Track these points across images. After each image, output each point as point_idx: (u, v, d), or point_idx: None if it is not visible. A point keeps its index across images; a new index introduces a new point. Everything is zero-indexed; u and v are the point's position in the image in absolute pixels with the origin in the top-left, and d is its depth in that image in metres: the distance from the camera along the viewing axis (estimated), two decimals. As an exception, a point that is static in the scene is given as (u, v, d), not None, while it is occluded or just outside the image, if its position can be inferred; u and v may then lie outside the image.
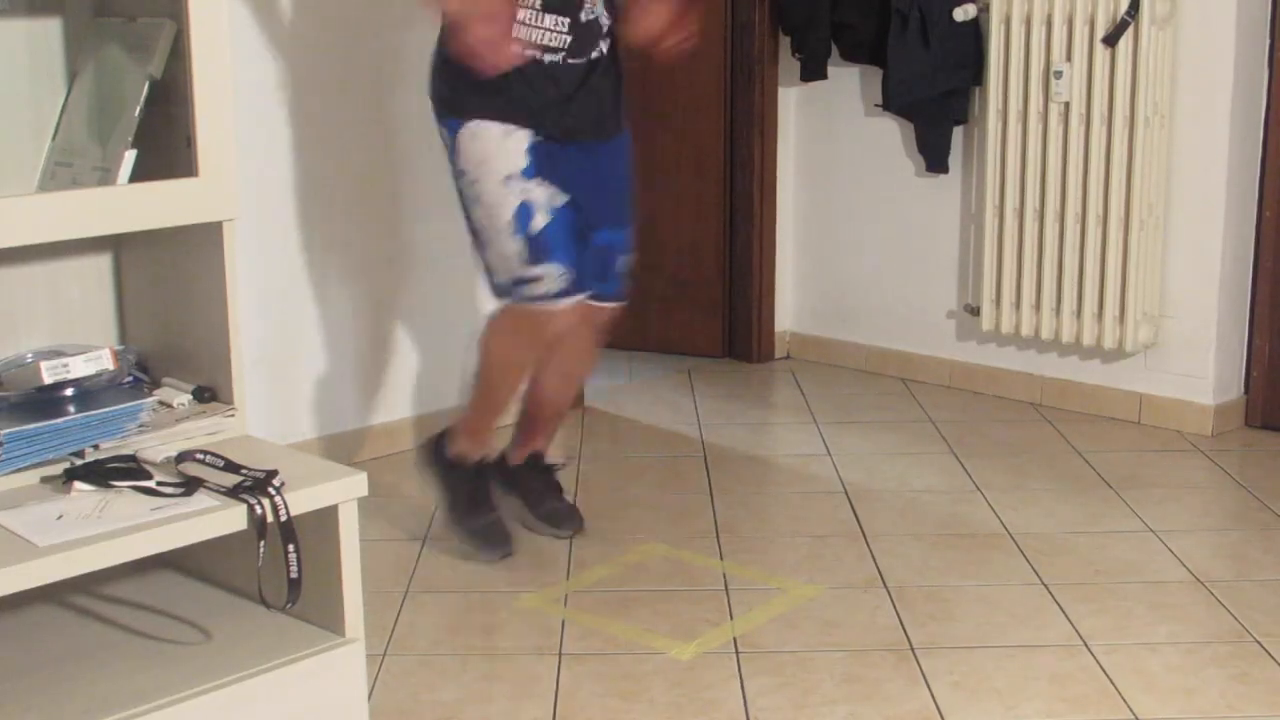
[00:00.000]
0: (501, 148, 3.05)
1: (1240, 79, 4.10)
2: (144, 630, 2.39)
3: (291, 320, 3.88)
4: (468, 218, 3.15)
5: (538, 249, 3.07)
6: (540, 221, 3.07)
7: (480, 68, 2.95)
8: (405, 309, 4.13)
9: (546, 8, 3.05)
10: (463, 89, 3.05)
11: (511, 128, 3.05)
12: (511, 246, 3.07)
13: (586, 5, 3.10)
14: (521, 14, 3.03)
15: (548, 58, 3.07)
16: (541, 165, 3.08)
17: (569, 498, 3.63)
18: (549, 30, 3.06)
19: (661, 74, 4.93)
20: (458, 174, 3.12)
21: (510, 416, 3.55)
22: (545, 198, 3.08)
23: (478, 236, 3.14)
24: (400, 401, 4.15)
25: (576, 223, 3.15)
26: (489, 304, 3.29)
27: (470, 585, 3.23)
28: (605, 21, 3.16)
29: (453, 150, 3.11)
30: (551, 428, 3.55)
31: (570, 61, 3.10)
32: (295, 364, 3.90)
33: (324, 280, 3.94)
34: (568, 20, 3.07)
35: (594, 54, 3.14)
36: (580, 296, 3.17)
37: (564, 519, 3.50)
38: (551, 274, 3.08)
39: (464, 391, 3.43)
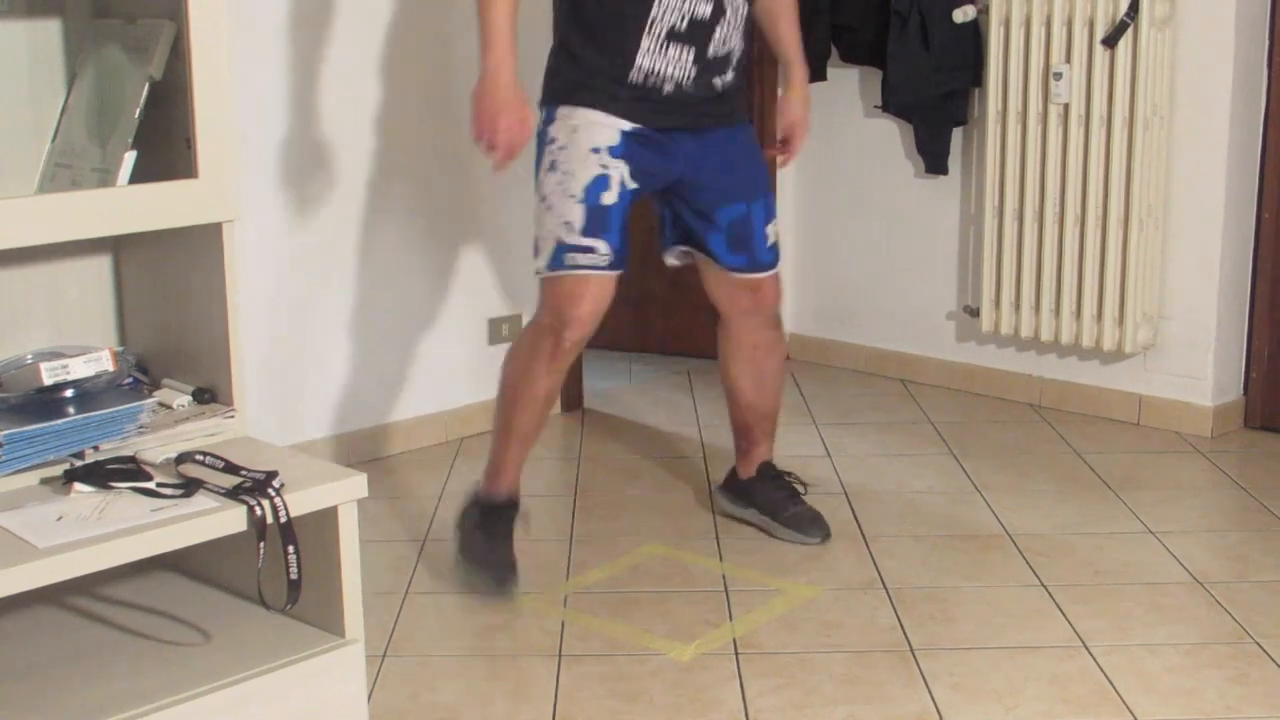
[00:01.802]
0: (598, 125, 3.01)
1: (1239, 80, 4.10)
2: (144, 631, 2.39)
3: (292, 321, 3.88)
4: (539, 186, 3.07)
5: (598, 221, 3.02)
6: (610, 198, 3.01)
7: (482, 146, 2.92)
8: (408, 310, 4.13)
9: (672, 38, 2.98)
10: (574, 83, 3.03)
11: (610, 116, 3.01)
12: (574, 213, 3.01)
13: (717, 38, 3.03)
14: (645, 42, 2.97)
15: (667, 88, 3.02)
16: (631, 149, 3.02)
17: (818, 514, 3.49)
18: (672, 62, 3.00)
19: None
20: (546, 141, 3.05)
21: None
22: (621, 177, 3.03)
23: (543, 202, 3.06)
24: (401, 403, 4.16)
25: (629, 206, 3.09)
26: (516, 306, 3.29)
27: (470, 586, 3.22)
28: (737, 54, 3.10)
29: (547, 123, 3.06)
30: (768, 430, 3.49)
31: (689, 91, 3.05)
32: (297, 365, 3.90)
33: (326, 280, 3.94)
34: (693, 50, 3.01)
35: (718, 83, 3.09)
36: (617, 273, 3.09)
37: (809, 523, 3.43)
38: (601, 249, 3.03)
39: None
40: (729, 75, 3.11)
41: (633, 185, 3.05)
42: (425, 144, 4.10)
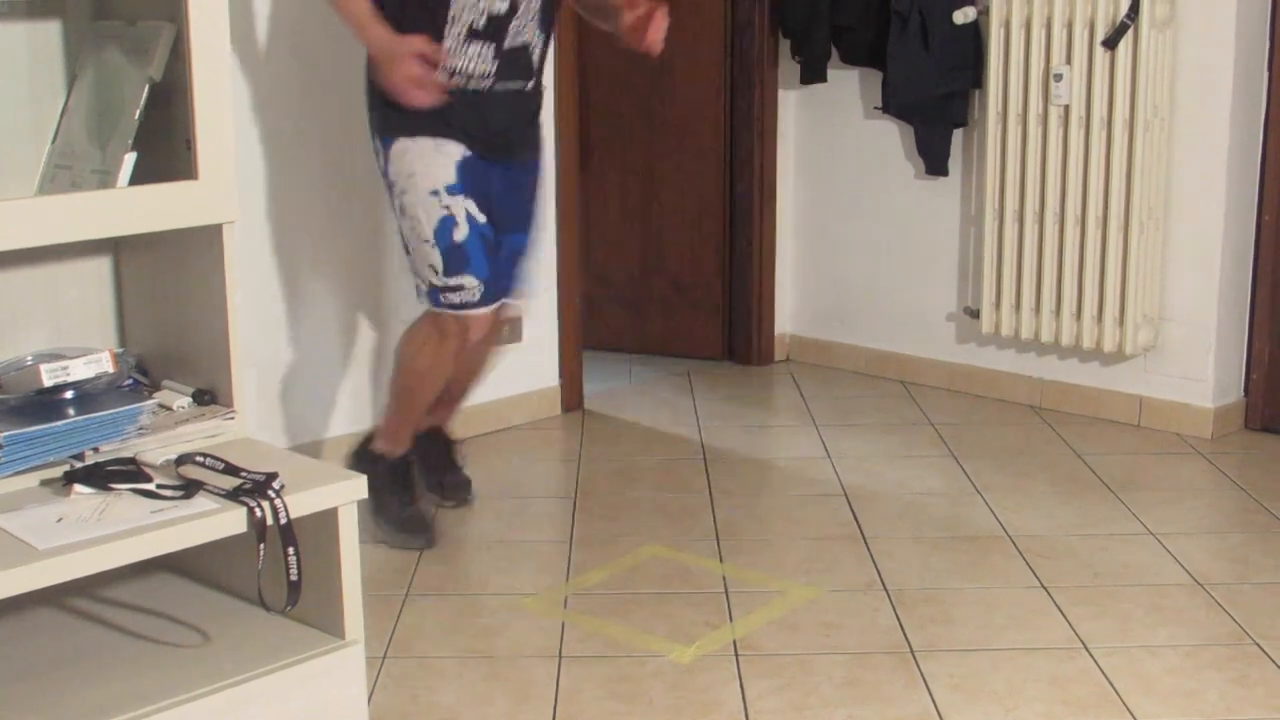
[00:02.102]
0: (431, 162, 3.16)
1: (1240, 82, 4.10)
2: (144, 633, 2.39)
3: (292, 322, 3.88)
4: (397, 226, 3.29)
5: (457, 260, 3.20)
6: (460, 234, 3.18)
7: (404, 102, 3.07)
8: (409, 310, 4.12)
9: (472, 36, 3.12)
10: (395, 107, 3.13)
11: (443, 141, 3.16)
12: (433, 257, 3.20)
13: (512, 31, 3.16)
14: (446, 42, 3.11)
15: (473, 85, 3.16)
16: (468, 181, 3.19)
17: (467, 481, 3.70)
18: (473, 59, 3.14)
19: (661, 76, 4.95)
20: (388, 185, 3.24)
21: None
22: (467, 213, 3.19)
23: (403, 244, 3.28)
24: (400, 404, 4.15)
25: (491, 237, 3.26)
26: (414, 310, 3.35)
27: (470, 588, 3.23)
28: (537, 48, 3.23)
29: (385, 163, 3.22)
30: (456, 405, 3.68)
31: (497, 89, 3.18)
32: (298, 365, 3.90)
33: (326, 281, 3.94)
34: (493, 46, 3.14)
35: (524, 84, 3.24)
36: (495, 305, 3.29)
37: (455, 489, 3.68)
38: (469, 284, 3.22)
39: (387, 393, 3.56)
40: (532, 76, 3.26)
41: (483, 218, 3.22)
42: (425, 145, 4.09)
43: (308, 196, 3.87)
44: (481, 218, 3.22)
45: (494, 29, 3.14)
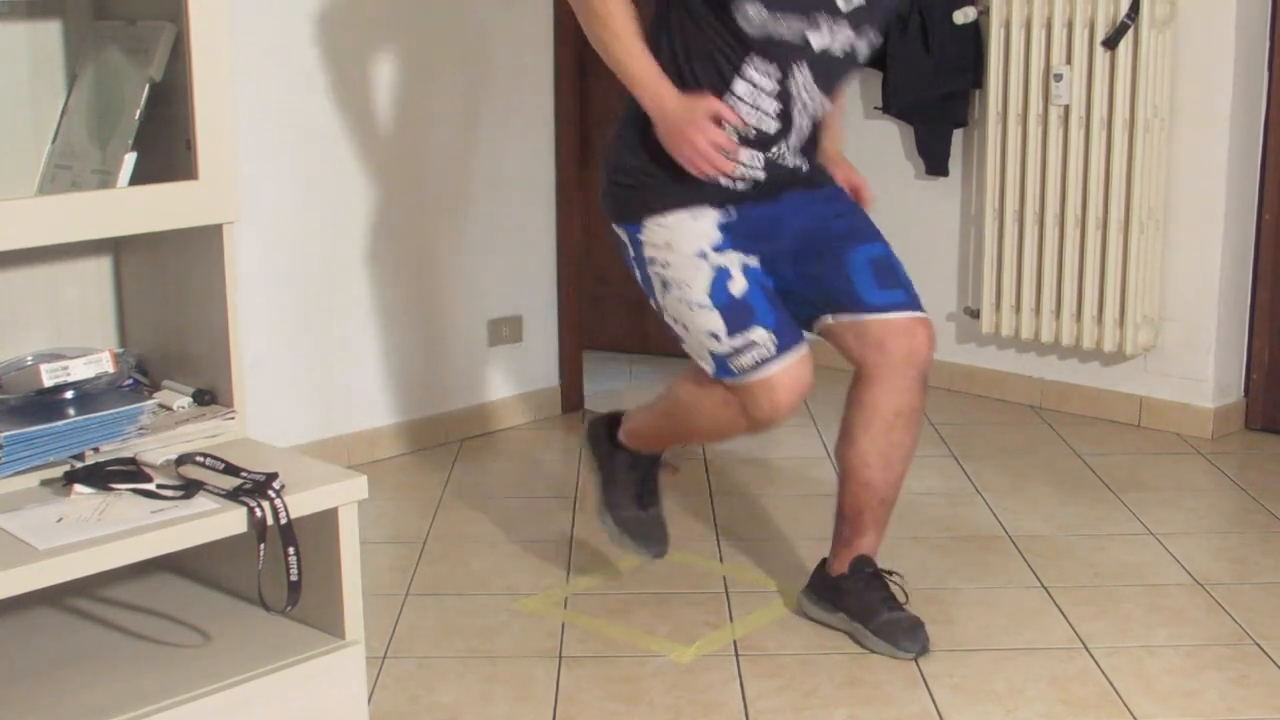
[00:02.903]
0: (690, 228, 2.75)
1: (1240, 82, 4.10)
2: (144, 633, 2.39)
3: (293, 323, 3.88)
4: (664, 311, 2.83)
5: (739, 315, 2.72)
6: (738, 288, 2.73)
7: (697, 172, 2.67)
8: (408, 311, 4.13)
9: (742, 141, 2.73)
10: (643, 187, 2.77)
11: (698, 209, 2.75)
12: (711, 320, 2.73)
13: (783, 147, 2.77)
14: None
15: (740, 186, 2.77)
16: (735, 237, 2.76)
17: (920, 623, 2.92)
18: (745, 161, 2.75)
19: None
20: (645, 263, 2.80)
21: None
22: (740, 264, 2.75)
23: (678, 323, 2.80)
24: (402, 404, 4.15)
25: (773, 286, 2.81)
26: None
27: (470, 588, 3.23)
28: (805, 168, 2.84)
29: (636, 248, 2.81)
30: (880, 518, 2.94)
31: (767, 179, 2.79)
32: (298, 366, 3.90)
33: (326, 282, 3.94)
34: (762, 156, 2.75)
35: (792, 164, 2.81)
36: (798, 354, 2.79)
37: (905, 633, 2.86)
38: (759, 338, 2.72)
39: (656, 398, 3.11)
40: (803, 164, 2.84)
41: (756, 264, 2.77)
42: (426, 144, 4.10)
43: (308, 196, 3.87)
44: (757, 264, 2.77)
45: (761, 143, 2.74)
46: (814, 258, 2.84)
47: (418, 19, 4.03)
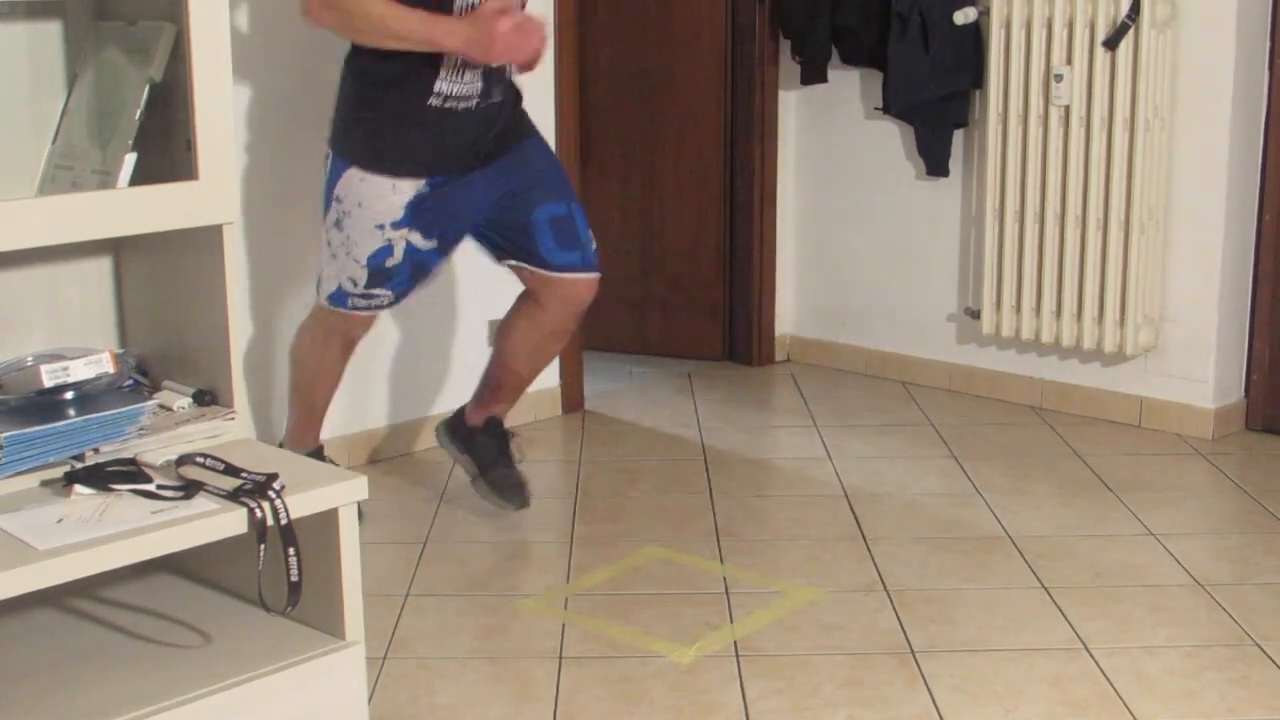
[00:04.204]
0: (382, 200, 3.15)
1: (1240, 82, 4.10)
2: (144, 634, 2.39)
3: (293, 323, 3.88)
4: (325, 233, 3.24)
5: (379, 278, 3.22)
6: (393, 261, 3.20)
7: (521, 61, 3.07)
8: (409, 311, 4.13)
9: (466, 62, 3.08)
10: (363, 133, 3.15)
11: (400, 181, 3.15)
12: (357, 272, 3.21)
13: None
14: (443, 71, 3.09)
15: (461, 105, 3.14)
16: (416, 216, 3.17)
17: (522, 483, 3.59)
18: (465, 83, 3.12)
19: (661, 76, 4.95)
20: (332, 196, 3.20)
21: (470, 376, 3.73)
22: (408, 244, 3.20)
23: (328, 248, 3.24)
24: (402, 404, 4.15)
25: (429, 265, 3.29)
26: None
27: (470, 588, 3.23)
28: (501, 99, 3.22)
29: (333, 179, 3.19)
30: (514, 397, 3.60)
31: (479, 106, 3.16)
32: (295, 367, 3.90)
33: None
34: (480, 69, 3.12)
35: (502, 97, 3.21)
36: (382, 311, 3.33)
37: (511, 489, 3.54)
38: (382, 294, 3.25)
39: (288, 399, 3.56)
40: (506, 86, 3.23)
41: (427, 244, 3.23)
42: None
43: (309, 196, 3.87)
44: (427, 245, 3.23)
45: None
46: (504, 217, 3.29)
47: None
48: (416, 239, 3.21)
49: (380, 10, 2.99)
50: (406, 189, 3.16)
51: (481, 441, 3.58)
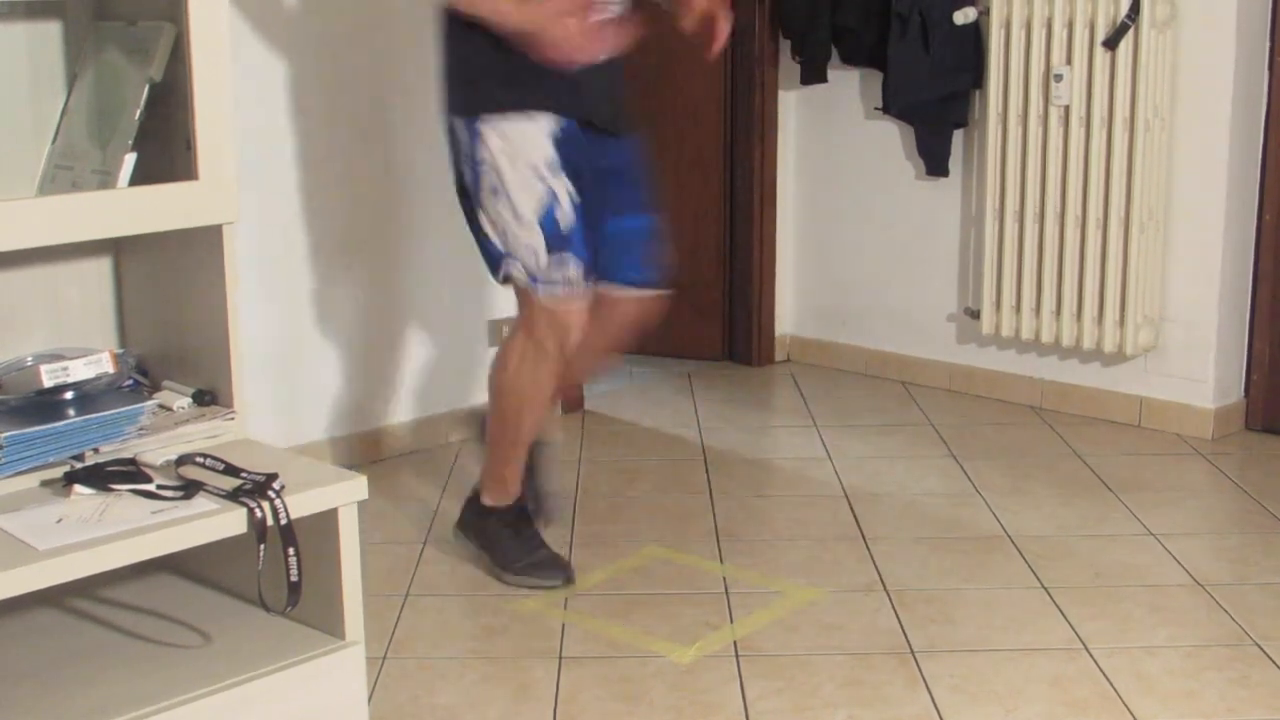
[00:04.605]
0: (528, 138, 2.95)
1: (1240, 82, 4.10)
2: (144, 634, 2.39)
3: (295, 322, 3.88)
4: (479, 210, 3.02)
5: (560, 241, 2.97)
6: (564, 216, 2.97)
7: (576, 62, 2.90)
8: (409, 311, 4.13)
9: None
10: (485, 83, 2.95)
11: (535, 114, 2.95)
12: (532, 237, 2.97)
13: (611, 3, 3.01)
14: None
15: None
16: (565, 157, 2.97)
17: (564, 493, 3.51)
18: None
19: (661, 76, 4.95)
20: (475, 163, 2.98)
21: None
22: (567, 191, 2.98)
23: (493, 227, 3.01)
24: (402, 405, 4.15)
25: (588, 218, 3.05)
26: (499, 312, 3.24)
27: (470, 589, 3.22)
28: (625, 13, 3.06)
29: (473, 145, 2.98)
30: (553, 404, 3.39)
31: (603, 59, 2.99)
32: (298, 367, 3.90)
33: (326, 282, 3.94)
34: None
35: (620, 57, 3.06)
36: (586, 291, 3.04)
37: (544, 501, 3.35)
38: (572, 272, 2.99)
39: (483, 438, 3.30)
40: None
41: (578, 198, 3.00)
42: (426, 143, 4.09)
43: (309, 196, 3.87)
44: (578, 197, 2.99)
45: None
46: (595, 213, 3.05)
47: (418, 19, 4.02)
48: (574, 191, 2.98)
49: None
50: (544, 122, 2.95)
51: (495, 524, 3.30)
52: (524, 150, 2.95)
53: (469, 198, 3.05)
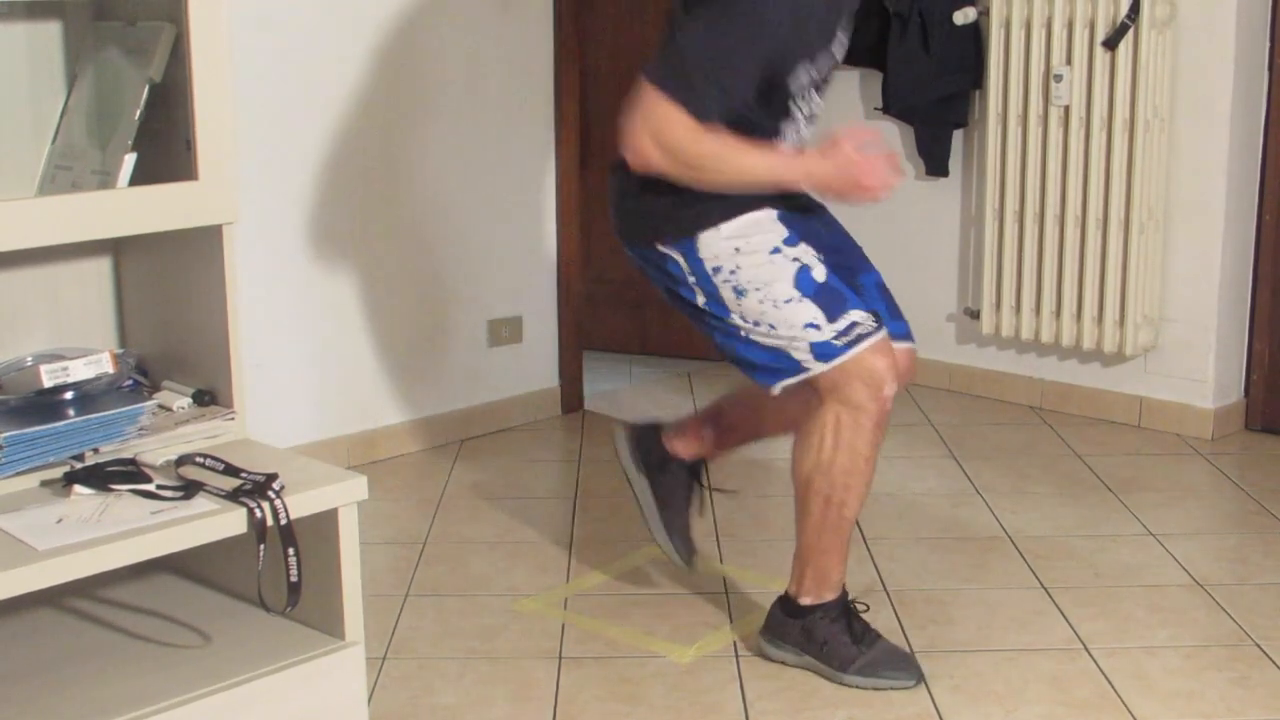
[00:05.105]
0: (755, 228, 2.69)
1: (1240, 82, 4.10)
2: (144, 634, 2.39)
3: (293, 323, 3.88)
4: (730, 324, 2.73)
5: (832, 299, 2.67)
6: (821, 274, 2.69)
7: (879, 198, 2.67)
8: (408, 312, 4.13)
9: (809, 119, 2.80)
10: (687, 202, 2.67)
11: (754, 212, 2.70)
12: (803, 311, 2.65)
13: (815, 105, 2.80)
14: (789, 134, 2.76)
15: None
16: (798, 230, 2.73)
17: (693, 541, 3.13)
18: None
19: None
20: (709, 276, 2.70)
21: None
22: (814, 255, 2.71)
23: (761, 325, 2.69)
24: (402, 405, 4.15)
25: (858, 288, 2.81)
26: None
27: (470, 589, 3.22)
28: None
29: (694, 264, 2.71)
30: (737, 448, 3.18)
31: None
32: (298, 367, 3.90)
33: (326, 283, 3.94)
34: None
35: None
36: (884, 333, 2.71)
37: (685, 539, 3.08)
38: (860, 318, 2.66)
39: (797, 535, 2.82)
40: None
41: (822, 256, 2.74)
42: (426, 144, 4.10)
43: (309, 196, 3.87)
44: (825, 258, 2.73)
45: (814, 117, 2.82)
46: (842, 275, 2.78)
47: (417, 21, 4.03)
48: (816, 253, 2.72)
49: (715, 150, 2.56)
50: (767, 208, 2.70)
51: (675, 472, 3.09)
52: (754, 238, 2.69)
53: (710, 321, 2.77)
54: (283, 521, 2.20)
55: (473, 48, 4.17)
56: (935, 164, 4.64)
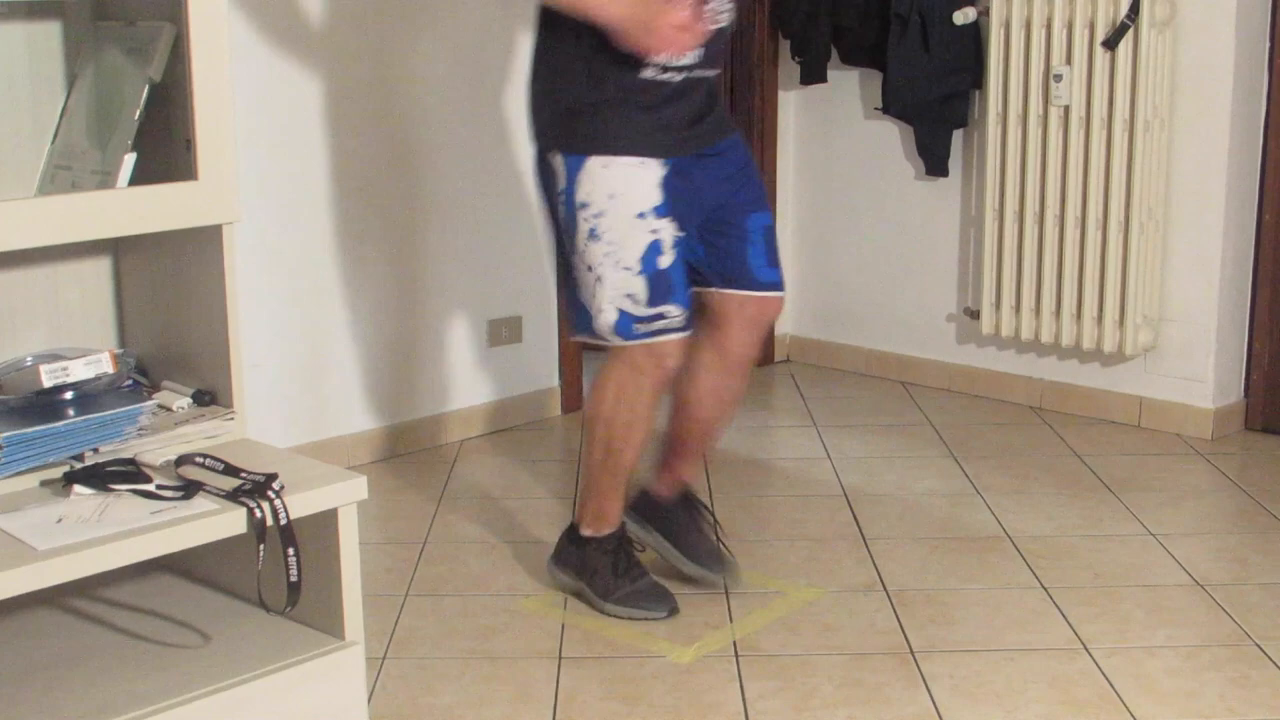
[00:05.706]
0: (635, 181, 2.82)
1: (1240, 82, 4.10)
2: (143, 634, 2.39)
3: (292, 323, 3.88)
4: (572, 251, 2.88)
5: (661, 289, 2.85)
6: (666, 261, 2.85)
7: (671, 51, 2.76)
8: (408, 312, 4.13)
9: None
10: (591, 118, 2.82)
11: (645, 159, 2.83)
12: (632, 283, 2.84)
13: (711, 11, 2.84)
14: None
15: (673, 78, 2.85)
16: (671, 200, 2.86)
17: (720, 552, 3.24)
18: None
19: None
20: (577, 205, 2.84)
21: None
22: (671, 235, 2.86)
23: (590, 272, 2.86)
24: (402, 404, 4.15)
25: (688, 256, 2.96)
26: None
27: (470, 589, 3.22)
28: (730, 29, 2.93)
29: (570, 183, 2.84)
30: (700, 450, 3.25)
31: (694, 76, 2.88)
32: (297, 367, 3.90)
33: (326, 282, 3.94)
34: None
35: (715, 71, 2.94)
36: (688, 333, 2.93)
37: (709, 554, 3.19)
38: (671, 313, 2.87)
39: (581, 470, 3.13)
40: (722, 61, 3.00)
41: (680, 234, 2.89)
42: (427, 144, 4.10)
43: (309, 196, 3.87)
44: (680, 233, 2.89)
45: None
46: (719, 232, 3.01)
47: (415, 19, 4.03)
48: (676, 231, 2.87)
49: None
50: (654, 167, 2.83)
51: (669, 510, 3.22)
52: (629, 191, 2.83)
53: (560, 240, 2.93)
54: (282, 521, 2.20)
55: (473, 47, 4.17)
56: (935, 164, 4.64)
